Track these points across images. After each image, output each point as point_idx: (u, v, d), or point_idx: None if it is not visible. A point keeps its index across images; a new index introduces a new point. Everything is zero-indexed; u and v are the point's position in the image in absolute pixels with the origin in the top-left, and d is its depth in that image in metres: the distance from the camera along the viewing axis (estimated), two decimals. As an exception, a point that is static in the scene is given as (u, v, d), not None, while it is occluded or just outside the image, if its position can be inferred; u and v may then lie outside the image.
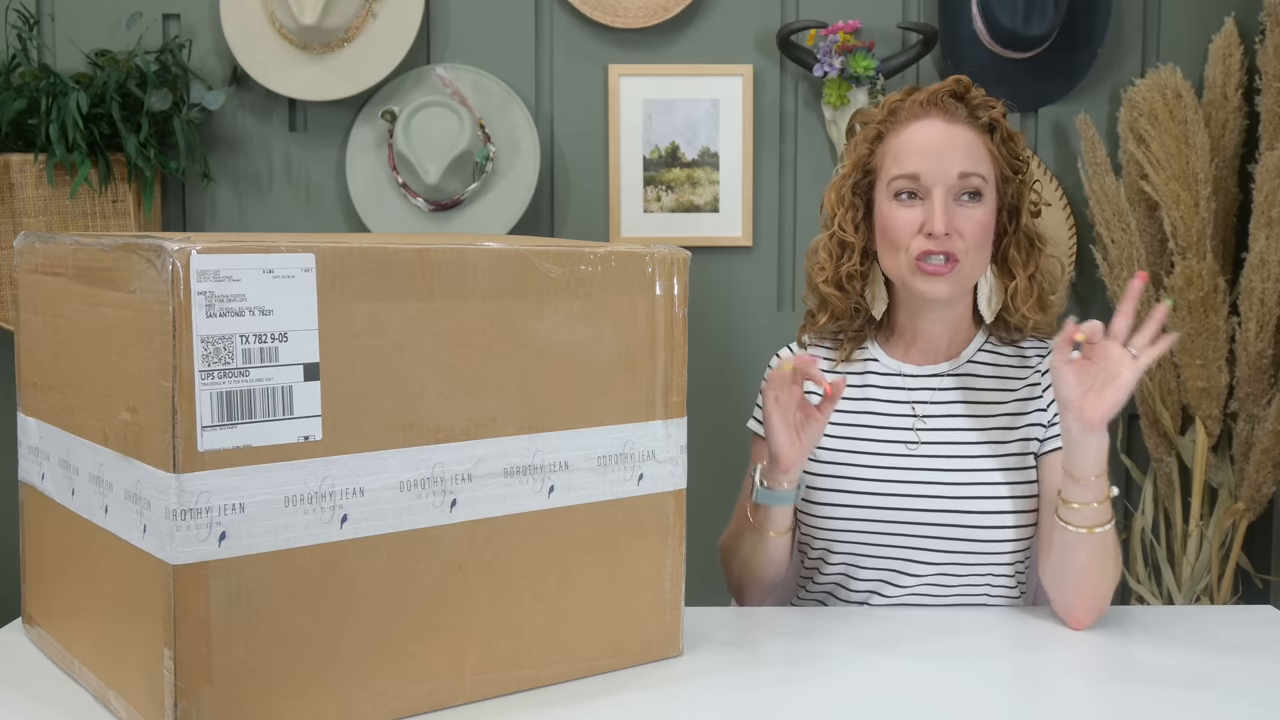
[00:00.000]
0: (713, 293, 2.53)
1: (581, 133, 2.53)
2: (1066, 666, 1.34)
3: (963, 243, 1.46)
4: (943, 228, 1.44)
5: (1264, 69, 2.36)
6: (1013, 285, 1.52)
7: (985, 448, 1.51)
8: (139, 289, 1.03)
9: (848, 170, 1.55)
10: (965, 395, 1.54)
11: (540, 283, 1.18)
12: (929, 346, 1.56)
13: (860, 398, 1.57)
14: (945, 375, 1.55)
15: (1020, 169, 1.53)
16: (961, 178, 1.46)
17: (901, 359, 1.57)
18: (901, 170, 1.48)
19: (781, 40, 2.45)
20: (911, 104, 1.50)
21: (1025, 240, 1.53)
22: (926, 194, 1.47)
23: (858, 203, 1.55)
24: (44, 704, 1.17)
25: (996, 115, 1.51)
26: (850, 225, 1.54)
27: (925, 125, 1.49)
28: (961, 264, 1.46)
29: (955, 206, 1.46)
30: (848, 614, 1.51)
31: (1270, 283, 2.32)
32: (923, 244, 1.46)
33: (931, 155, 1.46)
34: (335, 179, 2.53)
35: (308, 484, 1.06)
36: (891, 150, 1.50)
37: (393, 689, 1.12)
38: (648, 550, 1.28)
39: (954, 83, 1.51)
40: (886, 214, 1.50)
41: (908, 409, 1.55)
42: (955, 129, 1.48)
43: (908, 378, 1.56)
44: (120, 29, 2.44)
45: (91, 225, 2.40)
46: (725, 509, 1.68)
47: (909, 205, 1.48)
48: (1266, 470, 2.37)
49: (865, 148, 1.54)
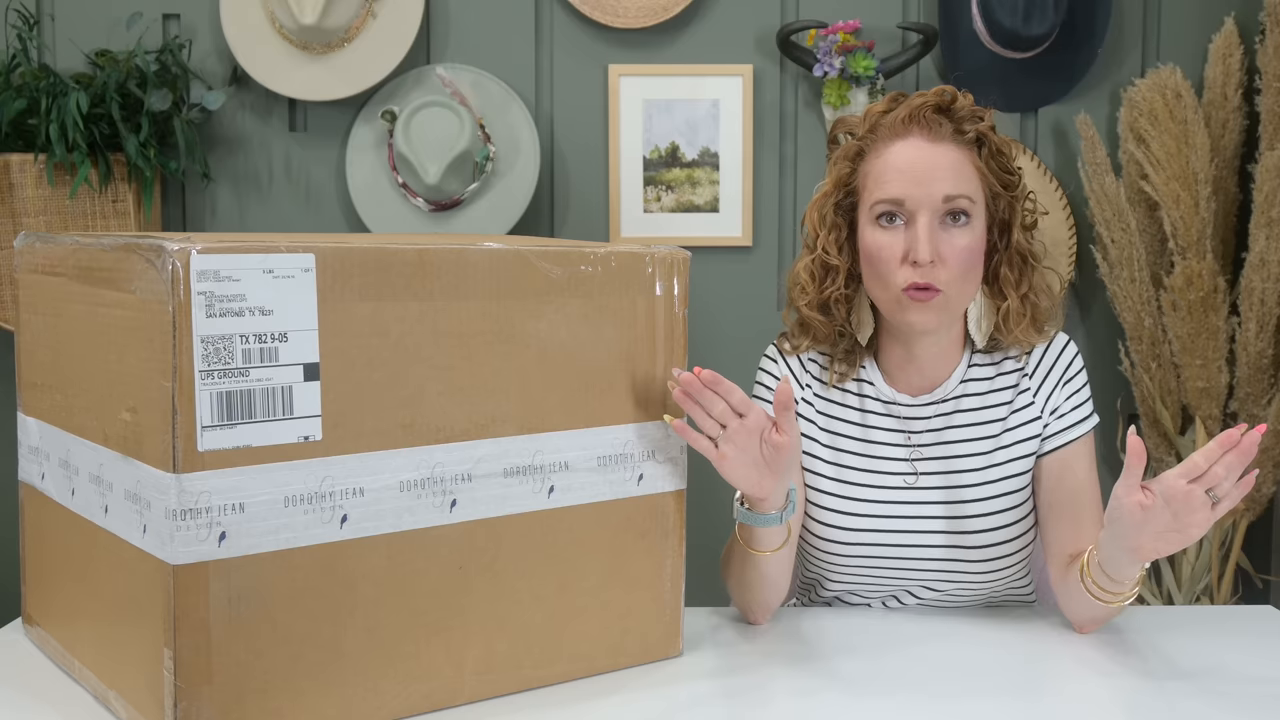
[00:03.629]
0: (713, 293, 2.53)
1: (581, 133, 2.53)
2: (1066, 666, 1.34)
3: (945, 272, 1.36)
4: (928, 255, 1.35)
5: (1264, 69, 2.36)
6: (1004, 306, 1.44)
7: (986, 473, 1.46)
8: (139, 289, 1.03)
9: (829, 189, 1.45)
10: (961, 419, 1.48)
11: (540, 283, 1.18)
12: (920, 375, 1.48)
13: (860, 423, 1.50)
14: (940, 402, 1.48)
15: (1011, 183, 1.44)
16: (947, 200, 1.37)
17: (895, 387, 1.49)
18: (884, 194, 1.38)
19: (781, 40, 2.45)
20: (893, 120, 1.41)
21: (1018, 258, 1.45)
22: (910, 219, 1.37)
23: (840, 222, 1.45)
24: (44, 704, 1.17)
25: (984, 129, 1.41)
26: (834, 247, 1.44)
27: (907, 145, 1.39)
28: (944, 294, 1.37)
29: (940, 231, 1.37)
30: (848, 615, 1.51)
31: (1270, 283, 2.32)
32: (909, 275, 1.36)
33: (914, 178, 1.37)
34: (335, 179, 2.53)
35: (308, 484, 1.06)
36: (874, 171, 1.41)
37: (393, 689, 1.12)
38: (648, 550, 1.28)
39: (938, 95, 1.41)
40: (869, 239, 1.40)
41: (904, 438, 1.49)
42: (939, 148, 1.39)
43: (903, 406, 1.49)
44: (120, 29, 2.44)
45: (91, 225, 2.40)
46: (725, 509, 1.67)
47: (891, 230, 1.38)
48: (1266, 470, 2.38)
49: (846, 166, 1.44)
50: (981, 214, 1.41)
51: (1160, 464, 2.47)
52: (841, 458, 1.49)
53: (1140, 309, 2.40)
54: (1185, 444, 2.44)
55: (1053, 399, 1.47)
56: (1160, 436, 2.46)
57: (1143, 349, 2.42)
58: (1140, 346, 2.42)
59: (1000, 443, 1.47)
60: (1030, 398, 1.48)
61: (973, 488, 1.46)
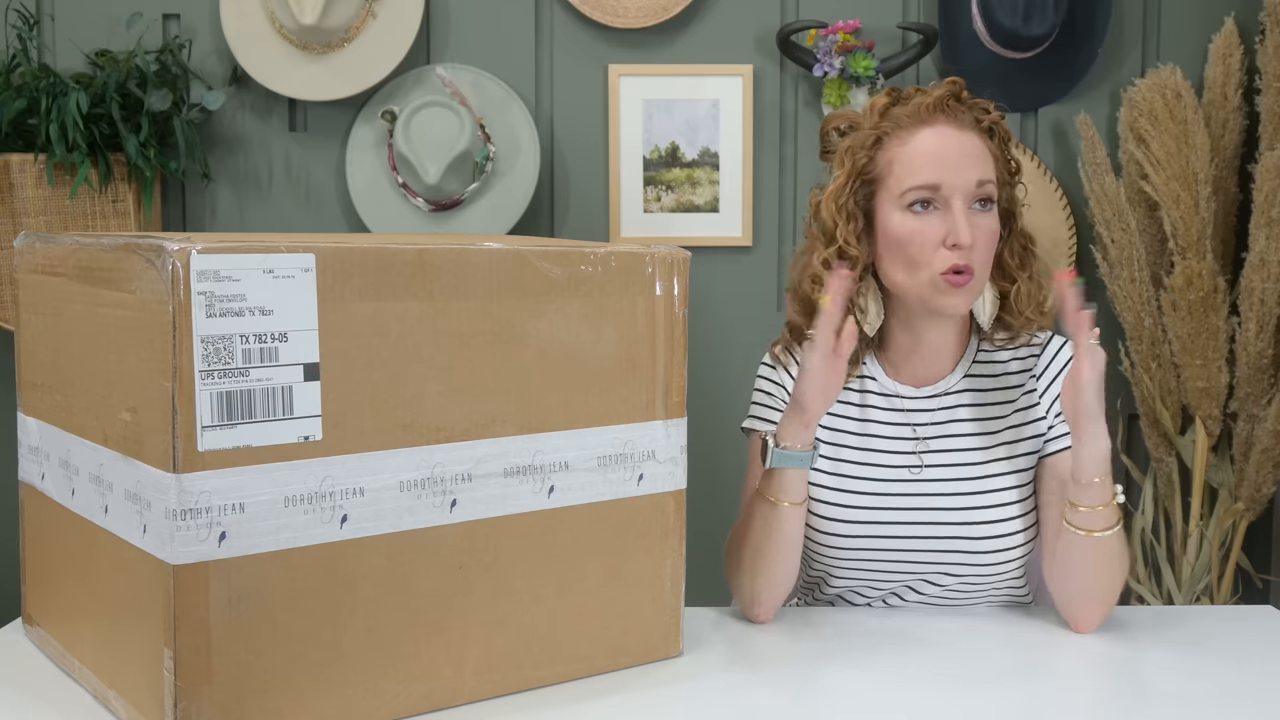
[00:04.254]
0: (713, 293, 2.53)
1: (581, 133, 2.53)
2: (1066, 666, 1.34)
3: (978, 255, 1.41)
4: (970, 238, 1.38)
5: (1264, 69, 2.36)
6: (1014, 289, 1.48)
7: (991, 465, 1.48)
8: (139, 289, 1.03)
9: (844, 179, 1.46)
10: (966, 413, 1.50)
11: (540, 283, 1.18)
12: (925, 364, 1.50)
13: (860, 419, 1.51)
14: (944, 394, 1.50)
15: (1016, 170, 1.49)
16: (980, 185, 1.41)
17: (898, 379, 1.51)
18: (919, 180, 1.40)
19: (781, 40, 2.45)
20: (916, 109, 1.43)
21: (1019, 244, 1.50)
22: (945, 204, 1.40)
23: (858, 213, 1.46)
24: (44, 704, 1.17)
25: (995, 118, 1.47)
26: (854, 238, 1.45)
27: (936, 132, 1.42)
28: (977, 276, 1.41)
29: (969, 215, 1.40)
30: (848, 614, 1.51)
31: (1270, 283, 2.32)
32: (949, 258, 1.39)
33: (948, 164, 1.40)
34: (335, 179, 2.53)
35: (308, 484, 1.06)
36: (900, 159, 1.42)
37: (392, 689, 1.12)
38: (648, 550, 1.28)
39: (951, 84, 1.45)
40: (898, 226, 1.42)
41: (909, 430, 1.50)
42: (965, 135, 1.42)
43: (906, 399, 1.51)
44: (120, 29, 2.44)
45: (91, 225, 2.40)
46: (725, 509, 1.68)
47: (925, 216, 1.40)
48: (1266, 470, 2.37)
49: (864, 155, 1.45)
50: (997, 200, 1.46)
51: (1160, 464, 2.48)
52: (841, 452, 1.50)
53: (1140, 309, 2.40)
54: (1185, 444, 2.45)
55: (1059, 403, 1.48)
56: (1160, 436, 2.46)
57: (1143, 349, 2.42)
58: (1140, 346, 2.42)
59: (1003, 438, 1.49)
60: (1036, 398, 1.50)
61: (977, 480, 1.47)
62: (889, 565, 1.49)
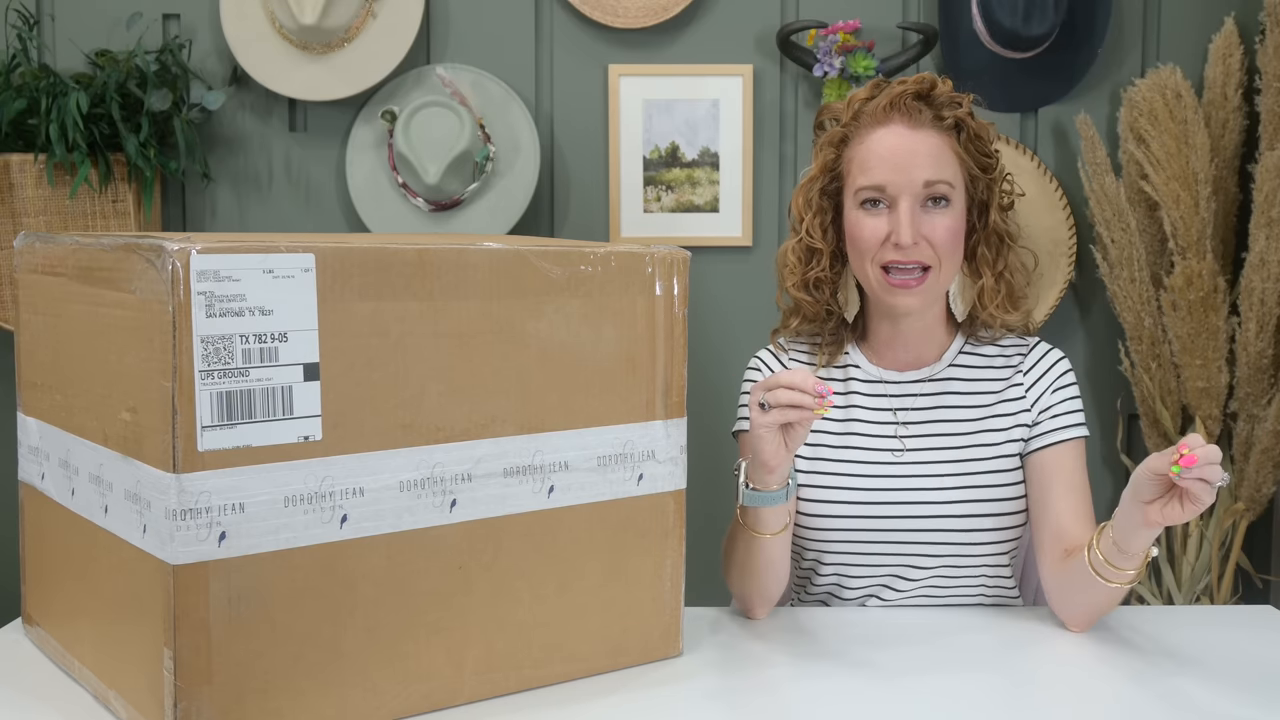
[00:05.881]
0: (713, 293, 2.53)
1: (581, 133, 2.53)
2: (1065, 666, 1.34)
3: (933, 251, 1.43)
4: (910, 238, 1.41)
5: (1264, 69, 2.36)
6: (979, 284, 1.51)
7: (971, 451, 1.50)
8: (139, 289, 1.03)
9: (814, 174, 1.52)
10: (948, 400, 1.53)
11: (540, 283, 1.18)
12: (906, 351, 1.54)
13: (845, 405, 1.55)
14: (927, 381, 1.54)
15: (989, 166, 1.50)
16: (927, 186, 1.43)
17: (881, 365, 1.55)
18: (867, 180, 1.45)
19: (781, 40, 2.45)
20: (875, 108, 1.47)
21: (995, 237, 1.51)
22: (893, 203, 1.44)
23: (826, 206, 1.52)
24: (44, 704, 1.17)
25: (962, 115, 1.47)
26: (819, 230, 1.52)
27: (888, 133, 1.45)
28: (933, 272, 1.44)
29: (922, 213, 1.43)
30: (846, 614, 1.51)
31: (1270, 283, 2.32)
32: (889, 253, 1.43)
33: (895, 165, 1.43)
34: (335, 179, 2.53)
35: (308, 484, 1.06)
36: (857, 158, 1.47)
37: (392, 689, 1.13)
38: (648, 550, 1.28)
39: (917, 82, 1.47)
40: (853, 223, 1.47)
41: (891, 415, 1.53)
42: (919, 134, 1.45)
43: (889, 384, 1.54)
44: (120, 29, 2.44)
45: (91, 225, 2.40)
46: (725, 509, 1.68)
47: (875, 214, 1.45)
48: (1266, 470, 2.37)
49: (831, 152, 1.50)
50: (961, 196, 1.48)
51: (1160, 464, 2.47)
52: (823, 438, 1.54)
53: (1140, 309, 2.40)
54: (1185, 444, 2.44)
55: (1044, 399, 1.52)
56: (1160, 436, 2.46)
57: (1143, 349, 2.42)
58: (1140, 346, 2.42)
59: (991, 425, 1.52)
60: (1022, 392, 1.53)
61: (960, 463, 1.50)
62: (873, 548, 1.50)
